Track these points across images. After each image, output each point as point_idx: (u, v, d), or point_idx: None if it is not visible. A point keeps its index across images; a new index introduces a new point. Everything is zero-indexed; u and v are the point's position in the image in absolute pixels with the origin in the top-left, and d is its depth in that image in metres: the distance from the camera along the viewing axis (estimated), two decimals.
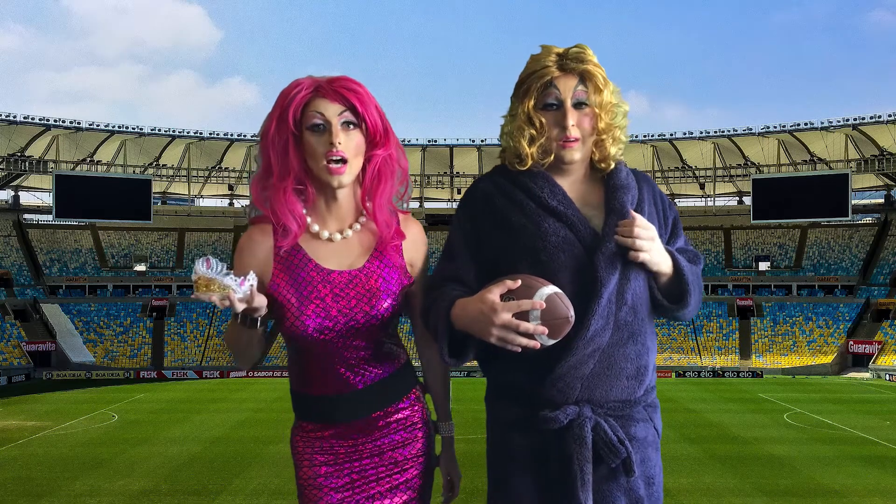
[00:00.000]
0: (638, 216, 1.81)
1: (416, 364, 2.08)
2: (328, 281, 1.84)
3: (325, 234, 1.90)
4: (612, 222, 1.80)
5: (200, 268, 1.63)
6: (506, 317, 1.58)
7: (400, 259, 1.93)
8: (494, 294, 1.61)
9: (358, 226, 1.92)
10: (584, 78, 1.79)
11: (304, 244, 1.89)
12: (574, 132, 1.78)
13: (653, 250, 1.79)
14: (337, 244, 1.90)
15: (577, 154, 1.81)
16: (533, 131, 1.80)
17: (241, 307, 1.67)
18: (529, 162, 1.83)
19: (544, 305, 1.59)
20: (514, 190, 1.83)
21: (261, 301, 1.71)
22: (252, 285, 1.67)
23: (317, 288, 1.83)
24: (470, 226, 1.86)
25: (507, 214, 1.82)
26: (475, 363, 1.91)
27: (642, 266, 1.80)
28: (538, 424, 1.76)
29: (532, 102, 1.80)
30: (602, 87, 1.79)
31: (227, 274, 1.64)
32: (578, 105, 1.79)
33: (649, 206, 1.89)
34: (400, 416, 1.96)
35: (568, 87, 1.78)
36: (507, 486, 1.81)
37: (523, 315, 1.59)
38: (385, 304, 1.85)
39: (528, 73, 1.82)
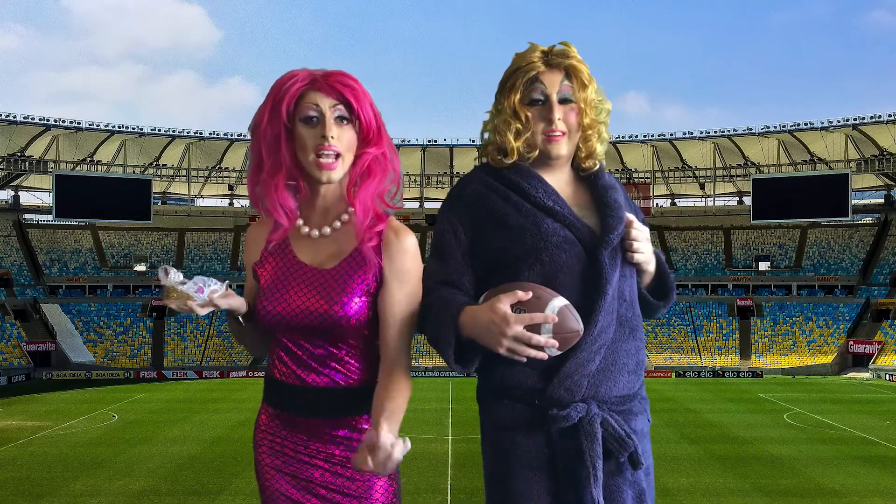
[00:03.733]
0: (632, 217, 1.85)
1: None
2: (297, 274, 1.85)
3: (306, 230, 1.89)
4: (611, 220, 1.82)
5: (161, 276, 1.76)
6: (518, 329, 1.58)
7: (377, 260, 1.82)
8: (505, 304, 1.59)
9: (338, 223, 1.88)
10: (570, 74, 1.81)
11: (291, 237, 1.91)
12: (560, 126, 1.80)
13: (646, 251, 1.86)
14: (316, 241, 1.88)
15: (562, 148, 1.83)
16: (518, 125, 1.81)
17: (202, 311, 1.77)
18: (514, 156, 1.83)
19: (557, 319, 1.60)
20: (507, 191, 1.83)
21: (232, 303, 1.81)
22: (214, 290, 1.76)
23: (286, 277, 1.85)
24: (462, 228, 1.84)
25: (505, 216, 1.81)
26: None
27: (634, 265, 1.86)
28: (547, 424, 1.75)
29: (518, 97, 1.81)
30: (587, 82, 1.82)
31: (184, 282, 1.76)
32: (564, 101, 1.81)
33: (627, 208, 1.92)
34: (348, 434, 1.86)
35: (554, 83, 1.80)
36: (512, 488, 1.78)
37: (535, 327, 1.59)
38: (345, 307, 1.78)
39: (513, 69, 1.84)
